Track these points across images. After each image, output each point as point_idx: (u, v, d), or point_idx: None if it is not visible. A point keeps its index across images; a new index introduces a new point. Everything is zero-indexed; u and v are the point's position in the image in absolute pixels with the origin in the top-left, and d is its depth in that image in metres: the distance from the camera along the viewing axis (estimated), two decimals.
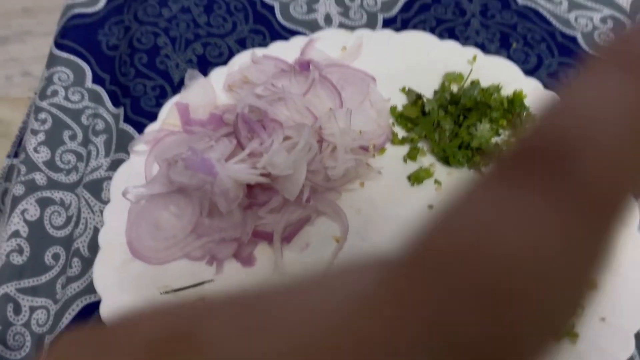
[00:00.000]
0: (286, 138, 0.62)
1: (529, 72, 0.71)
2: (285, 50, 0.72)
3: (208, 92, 0.69)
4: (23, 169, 0.68)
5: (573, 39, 0.76)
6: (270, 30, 0.79)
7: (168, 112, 0.68)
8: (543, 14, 0.79)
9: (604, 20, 0.78)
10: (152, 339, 0.19)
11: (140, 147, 0.66)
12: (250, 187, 0.62)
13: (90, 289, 0.60)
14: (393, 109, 0.70)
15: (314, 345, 0.17)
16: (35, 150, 0.69)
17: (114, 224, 0.61)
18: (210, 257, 0.61)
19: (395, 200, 0.64)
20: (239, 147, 0.63)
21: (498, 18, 0.78)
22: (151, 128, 0.67)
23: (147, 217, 0.62)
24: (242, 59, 0.72)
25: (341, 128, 0.64)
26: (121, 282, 0.58)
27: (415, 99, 0.69)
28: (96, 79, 0.76)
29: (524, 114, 0.67)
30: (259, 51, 0.72)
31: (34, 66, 1.90)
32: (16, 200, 0.65)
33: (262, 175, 0.60)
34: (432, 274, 0.17)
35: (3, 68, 1.91)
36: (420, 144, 0.68)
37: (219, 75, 0.71)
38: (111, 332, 0.21)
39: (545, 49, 0.75)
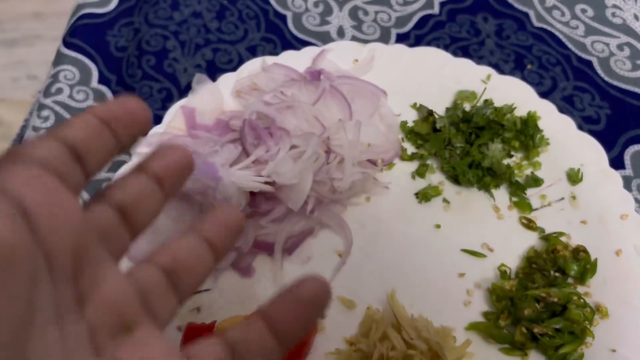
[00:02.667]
0: (293, 147, 0.60)
1: (543, 94, 0.70)
2: (296, 60, 0.71)
3: (215, 97, 0.68)
4: None
5: (589, 63, 0.75)
6: (282, 39, 0.78)
7: (173, 116, 0.67)
8: (559, 37, 0.77)
9: (620, 47, 0.77)
10: None
11: (143, 149, 0.64)
12: (253, 195, 0.60)
13: None
14: (403, 125, 0.68)
15: None
16: None
17: None
18: None
19: (401, 217, 0.63)
20: (244, 154, 0.61)
21: (513, 39, 0.77)
22: (155, 131, 0.66)
23: None
24: (251, 66, 0.71)
25: (350, 140, 0.62)
26: None
27: (427, 115, 0.68)
28: (102, 79, 0.75)
29: (537, 136, 0.65)
30: (270, 59, 0.71)
31: (41, 70, 1.90)
32: None
33: (267, 183, 0.59)
34: None
35: (10, 70, 1.91)
36: (429, 161, 0.66)
37: (227, 80, 0.70)
38: None
39: (560, 72, 0.74)
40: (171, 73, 0.74)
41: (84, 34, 0.78)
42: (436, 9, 0.80)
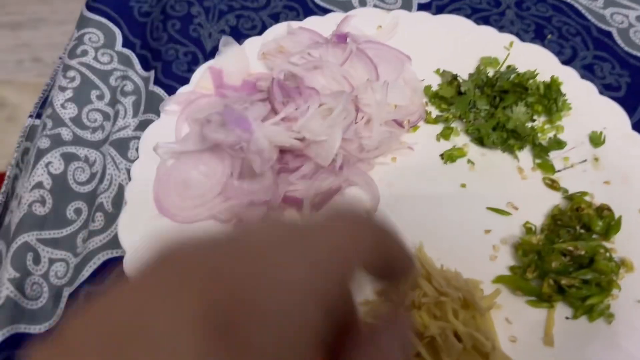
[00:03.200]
0: (322, 106, 0.61)
1: (564, 63, 0.71)
2: (321, 25, 0.72)
3: (242, 59, 0.69)
4: (49, 123, 0.67)
5: (608, 34, 0.76)
6: (304, 7, 0.79)
7: (201, 76, 0.67)
8: (578, 9, 0.78)
9: (639, 18, 0.78)
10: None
11: (172, 107, 0.65)
12: (282, 153, 0.61)
13: (112, 244, 0.59)
14: (427, 89, 0.69)
15: None
16: (63, 106, 0.69)
17: (141, 180, 0.60)
18: (238, 220, 0.60)
19: (427, 177, 0.63)
20: (272, 112, 0.62)
21: (533, 10, 0.78)
22: (183, 90, 0.66)
23: (176, 175, 0.60)
24: (277, 30, 0.72)
25: (377, 100, 0.63)
26: (146, 239, 0.57)
27: (451, 79, 0.68)
28: (126, 43, 0.76)
29: (560, 100, 0.66)
30: (295, 24, 0.72)
31: (45, 53, 1.90)
32: (41, 153, 0.65)
33: (297, 140, 0.59)
34: None
35: (14, 53, 1.90)
36: (453, 124, 0.67)
37: (253, 44, 0.70)
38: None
39: (580, 42, 0.75)
40: (196, 37, 0.75)
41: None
42: None
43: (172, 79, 0.70)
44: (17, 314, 0.56)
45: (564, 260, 0.55)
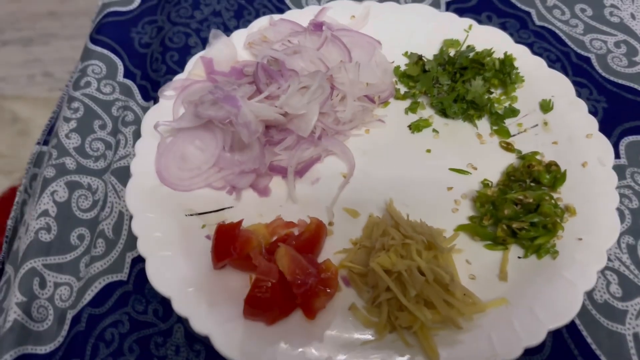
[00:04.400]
0: (301, 88, 0.69)
1: None
2: (300, 16, 0.80)
3: (230, 49, 0.77)
4: (54, 153, 0.72)
5: (587, 60, 0.79)
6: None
7: (194, 65, 0.76)
8: (559, 35, 0.82)
9: (617, 44, 0.81)
10: None
11: (169, 92, 0.73)
12: (267, 128, 0.69)
13: (112, 269, 0.64)
14: (397, 69, 0.77)
15: None
16: (67, 136, 0.73)
17: (144, 156, 0.68)
18: (231, 187, 0.68)
19: (397, 145, 0.72)
20: (257, 92, 0.70)
21: (516, 37, 0.81)
22: (178, 77, 0.75)
23: (174, 149, 0.68)
24: (260, 23, 0.80)
25: (351, 78, 0.71)
26: (150, 204, 0.65)
27: (417, 59, 0.77)
28: (127, 74, 0.80)
29: (513, 74, 0.74)
30: (276, 17, 0.80)
31: (56, 67, 1.94)
32: (47, 182, 0.69)
33: (280, 115, 0.67)
34: None
35: (25, 68, 1.96)
36: (420, 99, 0.75)
37: (239, 36, 0.79)
38: None
39: (560, 69, 0.78)
40: None
41: (109, 31, 0.84)
42: (442, 9, 0.86)
43: None
44: (24, 336, 0.60)
45: (515, 208, 0.63)
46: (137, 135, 0.72)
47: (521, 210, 0.63)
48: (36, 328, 0.61)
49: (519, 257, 0.62)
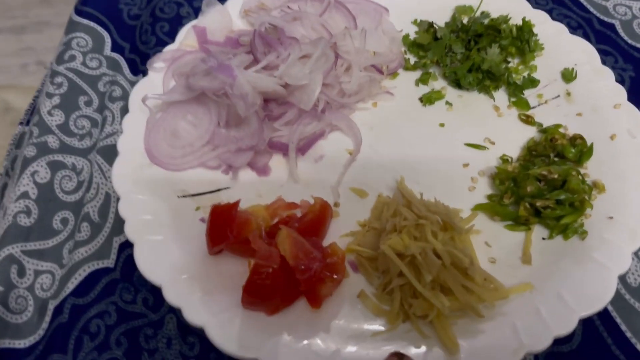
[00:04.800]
0: (303, 57, 0.63)
1: None
2: None
3: (225, 17, 0.71)
4: (36, 131, 0.66)
5: (611, 27, 0.74)
6: None
7: (186, 35, 0.70)
8: (580, 1, 0.77)
9: None
10: None
11: (159, 64, 0.67)
12: (266, 102, 0.63)
13: (98, 254, 0.59)
14: (406, 38, 0.72)
15: None
16: (49, 113, 0.68)
17: (132, 133, 0.63)
18: (227, 166, 0.62)
19: (407, 119, 0.66)
20: (255, 62, 0.64)
21: (532, 3, 0.75)
22: (169, 48, 0.69)
23: (165, 125, 0.63)
24: None
25: (356, 47, 0.65)
26: (139, 185, 0.59)
27: (428, 27, 0.71)
28: (115, 47, 0.75)
29: (532, 41, 0.69)
30: None
31: (49, 56, 1.87)
32: (27, 162, 0.64)
33: (279, 86, 0.62)
34: None
35: (18, 57, 1.89)
36: (431, 70, 0.69)
37: (234, 3, 0.73)
38: None
39: (582, 36, 0.72)
40: None
41: (95, 2, 0.78)
42: None
43: None
44: (1, 329, 0.55)
45: (538, 185, 0.57)
46: (125, 111, 0.66)
47: (545, 187, 0.57)
48: (14, 320, 0.55)
49: (544, 239, 0.56)
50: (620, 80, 0.68)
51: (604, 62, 0.68)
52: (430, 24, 0.71)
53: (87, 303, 0.56)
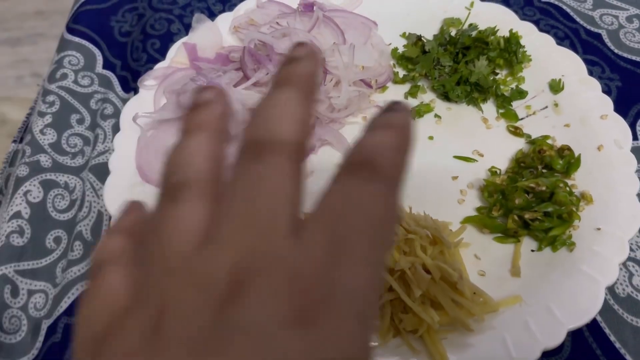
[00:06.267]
0: None
1: None
2: None
3: (215, 34, 0.72)
4: (28, 150, 0.67)
5: (598, 36, 0.75)
6: None
7: (176, 52, 0.70)
8: (566, 11, 0.78)
9: (630, 19, 0.76)
10: None
11: (150, 82, 0.68)
12: None
13: None
14: (394, 51, 0.72)
15: None
16: (42, 132, 0.68)
17: (123, 151, 0.63)
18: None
19: None
20: (244, 79, 0.65)
21: (520, 14, 0.76)
22: (160, 65, 0.69)
23: (156, 143, 0.63)
24: (247, 5, 0.75)
25: (345, 62, 0.66)
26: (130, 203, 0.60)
27: (416, 40, 0.72)
28: (107, 65, 0.75)
29: (520, 52, 0.69)
30: None
31: (44, 68, 1.87)
32: (19, 181, 0.64)
33: None
34: None
35: (14, 69, 1.90)
36: (420, 83, 0.70)
37: (224, 19, 0.74)
38: None
39: (569, 46, 0.73)
40: None
41: (87, 20, 0.79)
42: None
43: None
44: None
45: (526, 197, 0.58)
46: (116, 129, 0.66)
47: (533, 199, 0.58)
48: (8, 340, 0.56)
49: (532, 250, 0.57)
50: (607, 90, 0.69)
51: (590, 72, 0.68)
52: (419, 37, 0.72)
53: None
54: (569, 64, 0.68)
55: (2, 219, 0.63)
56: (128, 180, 0.61)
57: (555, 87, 0.67)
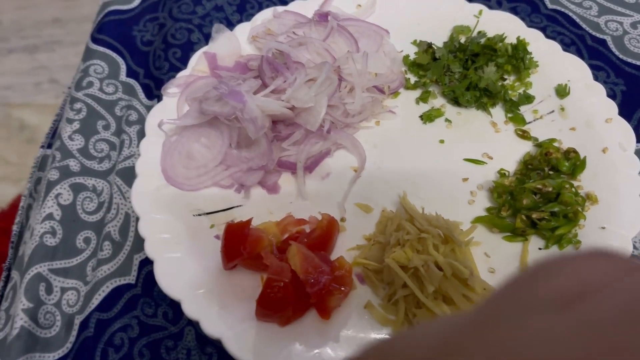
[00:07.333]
0: (308, 81, 0.67)
1: None
2: (304, 8, 0.78)
3: (233, 43, 0.75)
4: (58, 155, 0.70)
5: (603, 42, 0.77)
6: None
7: (197, 61, 0.74)
8: (573, 18, 0.80)
9: (634, 25, 0.79)
10: None
11: (173, 89, 0.71)
12: (275, 123, 0.67)
13: (119, 272, 0.62)
14: (406, 58, 0.75)
15: None
16: (70, 138, 0.72)
17: (149, 155, 0.66)
18: (239, 185, 0.66)
19: (408, 136, 0.69)
20: (263, 87, 0.68)
21: (527, 21, 0.79)
22: (182, 74, 0.73)
23: (180, 148, 0.67)
24: (264, 15, 0.78)
25: (358, 69, 0.69)
26: (157, 205, 0.63)
27: (427, 47, 0.74)
28: (130, 73, 0.79)
29: (527, 58, 0.72)
30: (280, 8, 0.78)
31: (62, 74, 1.95)
32: (51, 185, 0.68)
33: (286, 109, 0.65)
34: None
35: (32, 75, 1.96)
36: (431, 88, 0.73)
37: (243, 29, 0.77)
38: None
39: (575, 52, 0.76)
40: None
41: (110, 30, 0.82)
42: None
43: None
44: (32, 343, 0.58)
45: (534, 198, 0.60)
46: (141, 134, 0.70)
47: (540, 199, 0.60)
48: (44, 335, 0.59)
49: (540, 249, 0.59)
50: (612, 94, 0.71)
51: (596, 77, 0.71)
52: (429, 45, 0.74)
53: (110, 317, 0.60)
54: (574, 70, 0.71)
55: (35, 220, 0.66)
56: (153, 183, 0.65)
57: (562, 92, 0.70)
